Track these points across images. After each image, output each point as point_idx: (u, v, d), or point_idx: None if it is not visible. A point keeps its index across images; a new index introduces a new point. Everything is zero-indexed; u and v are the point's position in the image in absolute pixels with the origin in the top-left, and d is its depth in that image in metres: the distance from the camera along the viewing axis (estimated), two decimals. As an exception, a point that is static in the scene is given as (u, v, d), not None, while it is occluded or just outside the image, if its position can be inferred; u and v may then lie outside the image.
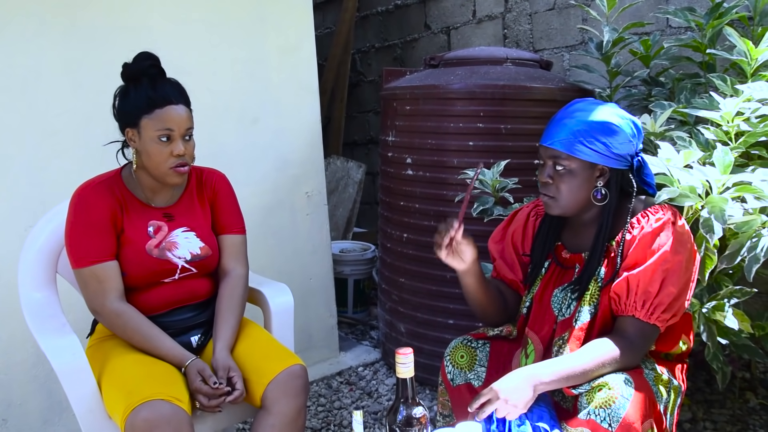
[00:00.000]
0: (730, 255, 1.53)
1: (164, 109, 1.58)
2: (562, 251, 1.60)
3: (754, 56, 1.89)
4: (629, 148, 1.46)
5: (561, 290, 1.56)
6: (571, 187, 1.47)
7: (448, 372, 1.63)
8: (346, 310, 3.42)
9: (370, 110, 4.56)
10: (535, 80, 2.46)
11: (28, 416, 2.20)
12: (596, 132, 1.43)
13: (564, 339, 1.53)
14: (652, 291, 1.40)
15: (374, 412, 2.50)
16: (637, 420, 1.32)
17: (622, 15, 2.67)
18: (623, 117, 1.47)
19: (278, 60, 2.71)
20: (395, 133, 2.65)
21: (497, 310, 1.65)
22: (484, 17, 3.64)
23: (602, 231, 1.49)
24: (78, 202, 1.62)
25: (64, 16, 2.20)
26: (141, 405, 1.43)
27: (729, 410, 2.34)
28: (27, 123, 2.15)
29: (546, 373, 1.37)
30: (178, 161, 1.61)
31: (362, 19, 4.49)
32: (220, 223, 1.80)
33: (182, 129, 1.60)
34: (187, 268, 1.71)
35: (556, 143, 1.45)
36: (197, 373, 1.56)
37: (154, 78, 1.61)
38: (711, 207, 1.49)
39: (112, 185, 1.67)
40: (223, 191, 1.81)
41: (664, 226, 1.42)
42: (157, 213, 1.70)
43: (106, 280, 1.60)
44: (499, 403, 1.35)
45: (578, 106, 1.49)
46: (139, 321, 1.62)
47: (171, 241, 1.69)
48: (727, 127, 1.72)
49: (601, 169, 1.47)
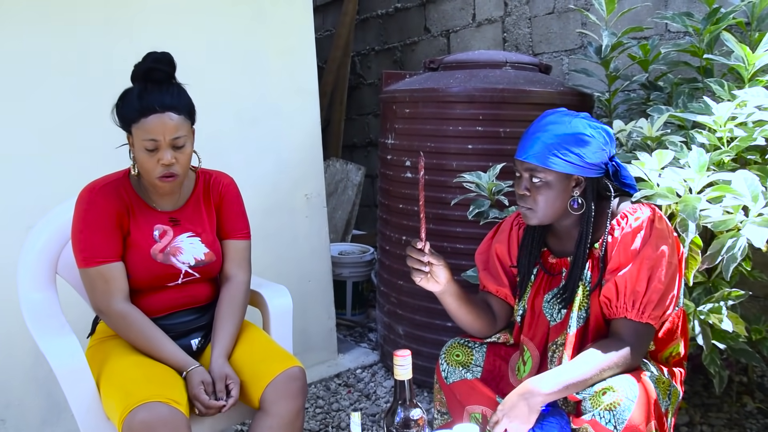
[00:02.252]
0: (712, 255, 1.55)
1: (149, 118, 1.55)
2: (549, 256, 1.62)
3: (751, 61, 1.90)
4: (602, 156, 1.48)
5: (551, 295, 1.58)
6: (548, 198, 1.49)
7: (442, 370, 1.65)
8: (344, 313, 3.42)
9: (370, 113, 4.57)
10: (534, 84, 2.47)
11: (27, 417, 2.20)
12: (569, 144, 1.45)
13: (557, 344, 1.54)
14: (640, 290, 1.42)
15: (372, 414, 2.50)
16: (642, 422, 1.32)
17: (621, 19, 2.69)
18: (594, 126, 1.49)
19: (278, 62, 2.71)
20: (394, 136, 2.66)
21: (484, 324, 1.66)
22: (484, 21, 3.65)
23: (582, 238, 1.51)
24: (85, 203, 1.62)
25: (63, 15, 2.21)
26: (138, 407, 1.43)
27: (726, 414, 2.34)
28: (26, 123, 2.15)
29: (546, 385, 1.38)
30: (165, 171, 1.59)
31: (362, 22, 4.50)
32: (224, 228, 1.80)
33: (167, 138, 1.56)
34: (190, 273, 1.71)
35: (531, 157, 1.47)
36: (199, 383, 1.56)
37: (155, 82, 1.58)
38: (684, 206, 1.53)
39: (119, 187, 1.66)
40: (230, 196, 1.80)
41: (643, 224, 1.45)
42: (163, 217, 1.70)
43: (112, 280, 1.61)
44: (505, 422, 1.38)
45: (550, 119, 1.51)
46: (144, 323, 1.62)
47: (176, 246, 1.69)
48: (720, 132, 1.73)
49: (576, 179, 1.49)
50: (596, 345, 1.43)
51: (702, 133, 1.77)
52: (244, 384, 1.63)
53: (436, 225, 2.51)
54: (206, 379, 1.58)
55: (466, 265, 2.16)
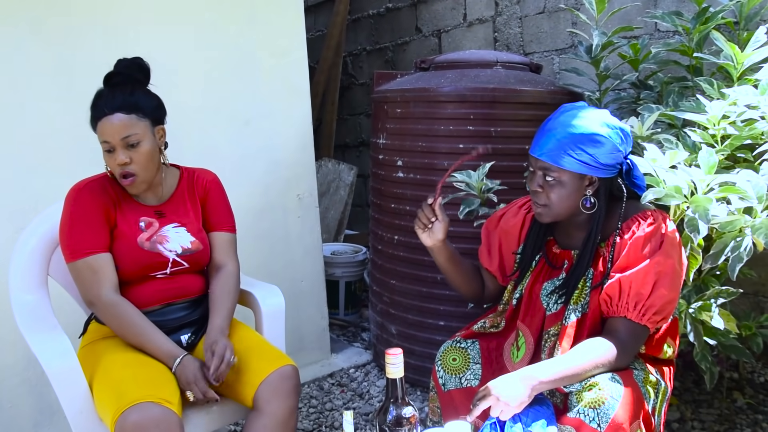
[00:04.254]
0: (715, 255, 1.55)
1: (101, 121, 1.61)
2: (553, 246, 1.62)
3: (740, 60, 1.92)
4: (617, 157, 1.48)
5: (550, 284, 1.58)
6: (560, 197, 1.50)
7: (439, 377, 1.64)
8: (337, 312, 3.42)
9: (362, 113, 4.57)
10: (525, 83, 2.48)
11: (18, 419, 2.19)
12: (583, 144, 1.45)
13: (550, 334, 1.55)
14: (645, 293, 1.42)
15: (366, 413, 2.51)
16: (626, 420, 1.33)
17: (611, 19, 2.70)
18: (611, 126, 1.48)
19: (269, 63, 2.71)
20: (386, 136, 2.66)
21: (472, 289, 1.76)
22: (475, 20, 3.66)
23: (591, 236, 1.51)
24: (73, 199, 1.66)
25: (55, 19, 2.20)
26: (130, 408, 1.43)
27: (717, 410, 2.36)
28: (17, 125, 2.14)
29: (544, 373, 1.38)
30: (121, 170, 1.63)
31: (354, 22, 4.50)
32: (210, 221, 1.83)
33: (117, 139, 1.60)
34: (178, 262, 1.73)
35: (545, 155, 1.48)
36: (196, 369, 1.58)
37: (112, 86, 1.64)
38: (695, 206, 1.52)
39: (105, 184, 1.70)
40: (214, 191, 1.85)
41: (656, 231, 1.45)
42: (148, 210, 1.74)
43: (100, 270, 1.62)
44: (492, 399, 1.35)
45: (567, 114, 1.50)
46: (133, 313, 1.64)
47: (162, 235, 1.72)
48: (714, 130, 1.74)
49: (590, 179, 1.49)
50: (593, 340, 1.44)
51: (696, 131, 1.77)
52: (237, 383, 1.63)
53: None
54: (198, 366, 1.59)
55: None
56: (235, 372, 1.64)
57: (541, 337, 1.58)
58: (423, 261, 2.55)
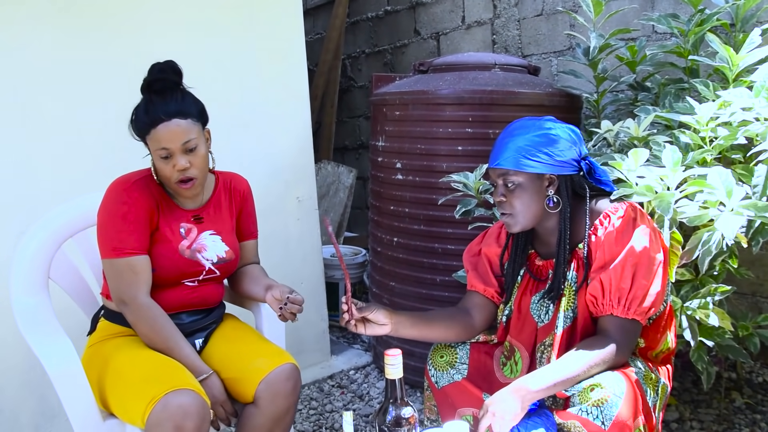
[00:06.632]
0: (690, 250, 1.58)
1: (157, 129, 1.58)
2: (536, 259, 1.65)
3: (735, 62, 1.93)
4: (572, 153, 1.52)
5: (538, 296, 1.60)
6: (523, 201, 1.52)
7: (432, 375, 1.67)
8: (337, 314, 3.42)
9: (361, 115, 4.58)
10: (523, 85, 2.49)
11: (19, 422, 2.20)
12: (537, 144, 1.50)
13: (545, 345, 1.56)
14: (625, 287, 1.44)
15: (366, 414, 2.52)
16: (630, 417, 1.34)
17: (608, 21, 2.71)
18: (560, 126, 1.53)
19: (268, 65, 2.72)
20: (385, 138, 2.67)
21: (458, 331, 1.68)
22: (473, 23, 3.67)
23: (563, 237, 1.54)
24: (118, 195, 1.64)
25: (61, 19, 2.21)
26: (174, 392, 1.44)
27: (715, 410, 2.37)
28: (19, 127, 2.15)
29: (535, 383, 1.38)
30: (181, 176, 1.62)
31: (352, 25, 4.52)
32: (243, 230, 1.86)
33: (177, 144, 1.59)
34: (212, 270, 1.73)
35: (502, 162, 1.52)
36: (221, 388, 1.62)
37: (158, 93, 1.60)
38: (659, 202, 1.56)
39: (149, 183, 1.68)
40: (250, 200, 1.88)
41: (626, 223, 1.47)
42: (187, 215, 1.73)
43: (141, 272, 1.62)
44: (489, 416, 1.37)
45: (516, 125, 1.56)
46: (166, 319, 1.64)
47: (201, 243, 1.72)
48: (703, 132, 1.76)
49: (549, 178, 1.53)
50: (583, 343, 1.45)
51: (685, 132, 1.79)
52: (237, 380, 1.65)
53: (427, 226, 2.53)
54: (221, 386, 1.63)
55: (456, 265, 2.17)
56: (235, 369, 1.66)
57: (535, 350, 1.59)
58: (422, 263, 2.56)
